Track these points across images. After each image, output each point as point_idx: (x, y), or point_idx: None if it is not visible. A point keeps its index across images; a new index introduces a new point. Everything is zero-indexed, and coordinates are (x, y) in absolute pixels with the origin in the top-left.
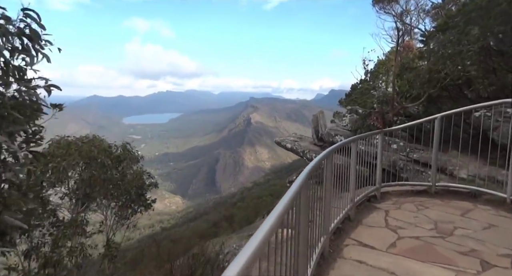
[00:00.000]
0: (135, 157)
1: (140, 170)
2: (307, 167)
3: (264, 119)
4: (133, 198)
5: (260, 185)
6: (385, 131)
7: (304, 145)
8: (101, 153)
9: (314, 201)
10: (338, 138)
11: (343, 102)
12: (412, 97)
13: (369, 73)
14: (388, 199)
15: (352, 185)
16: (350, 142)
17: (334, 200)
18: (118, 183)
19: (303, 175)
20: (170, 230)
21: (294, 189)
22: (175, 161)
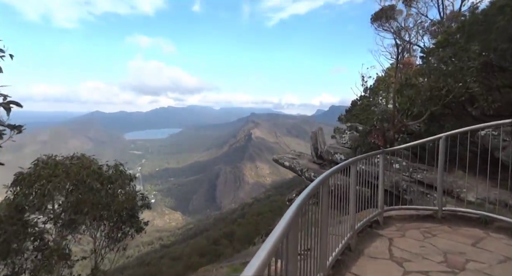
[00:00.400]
0: (127, 177)
1: (133, 191)
2: (296, 201)
3: (265, 135)
4: (124, 219)
5: (261, 201)
6: (387, 151)
7: (303, 163)
8: (90, 176)
9: (310, 226)
10: (337, 157)
11: (343, 118)
12: (414, 115)
13: (368, 89)
14: (392, 224)
15: (352, 210)
16: (350, 164)
17: (333, 225)
18: (108, 205)
19: (291, 211)
20: (170, 247)
21: (279, 232)
22: (175, 177)
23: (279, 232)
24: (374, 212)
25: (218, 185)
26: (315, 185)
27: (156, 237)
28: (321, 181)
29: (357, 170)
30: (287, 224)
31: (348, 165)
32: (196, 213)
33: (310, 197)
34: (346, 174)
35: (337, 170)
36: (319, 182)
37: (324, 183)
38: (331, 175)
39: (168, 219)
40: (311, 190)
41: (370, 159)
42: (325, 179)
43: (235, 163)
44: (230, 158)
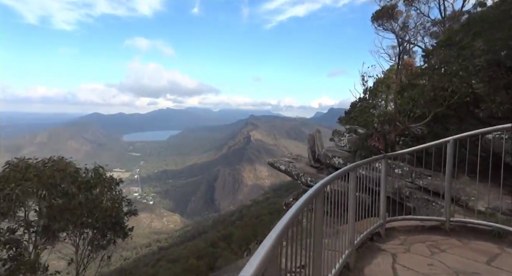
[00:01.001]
0: (108, 182)
1: (118, 196)
2: (283, 219)
3: (263, 137)
4: (108, 226)
5: (259, 203)
6: (389, 155)
7: (300, 167)
8: (65, 179)
9: (305, 238)
10: (335, 160)
11: (343, 120)
12: (416, 117)
13: (368, 91)
14: (395, 237)
15: (351, 219)
16: (349, 171)
17: (330, 235)
18: (90, 211)
19: (274, 234)
20: (168, 249)
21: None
22: (174, 179)
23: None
24: (376, 223)
25: (216, 187)
26: (306, 199)
27: (154, 239)
28: (315, 192)
29: (357, 176)
30: (265, 257)
31: (346, 172)
32: (194, 215)
33: (298, 213)
34: (345, 179)
35: (334, 179)
36: (312, 195)
37: (318, 195)
38: (326, 185)
39: (166, 221)
40: (302, 205)
41: (370, 164)
42: (318, 191)
43: (234, 165)
44: (229, 160)
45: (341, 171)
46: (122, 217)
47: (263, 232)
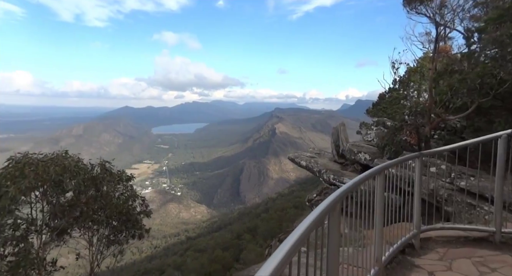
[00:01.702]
0: (116, 177)
1: (130, 192)
2: (284, 246)
3: (289, 130)
4: (120, 223)
5: (285, 197)
6: (425, 153)
7: (322, 163)
8: (64, 175)
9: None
10: (361, 156)
11: (370, 112)
12: (455, 108)
13: (398, 81)
14: (432, 250)
15: (378, 230)
16: (376, 174)
17: (354, 239)
18: (99, 208)
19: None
20: (195, 239)
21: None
22: (200, 171)
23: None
24: (408, 233)
25: (242, 180)
26: (316, 217)
27: (182, 229)
28: (328, 208)
29: (385, 176)
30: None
31: (372, 176)
32: (220, 206)
33: (303, 238)
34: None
35: (355, 186)
36: (324, 211)
37: (332, 211)
38: (343, 196)
39: (193, 212)
40: (310, 225)
41: (403, 163)
42: (332, 205)
43: (259, 158)
44: (254, 153)
45: (365, 176)
46: (134, 215)
47: (288, 226)
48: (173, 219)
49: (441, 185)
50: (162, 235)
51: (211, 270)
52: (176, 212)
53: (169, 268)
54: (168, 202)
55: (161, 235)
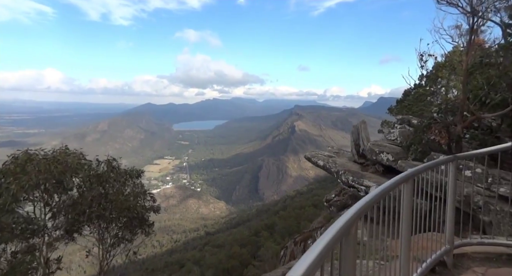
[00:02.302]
0: (124, 174)
1: (139, 188)
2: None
3: (308, 127)
4: (128, 221)
5: (303, 195)
6: (462, 157)
7: (341, 163)
8: (67, 172)
9: None
10: (383, 157)
11: (393, 109)
12: (493, 104)
13: (425, 76)
14: (467, 268)
15: (405, 246)
16: (403, 182)
17: (376, 249)
18: (106, 206)
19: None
20: (214, 235)
21: None
22: (220, 167)
23: None
24: (440, 249)
25: (260, 177)
26: (327, 244)
27: (201, 224)
28: (341, 231)
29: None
30: None
31: (402, 183)
32: (239, 203)
33: (333, 245)
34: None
35: (376, 199)
36: (335, 237)
37: (345, 236)
38: (361, 214)
39: (212, 207)
40: (321, 252)
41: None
42: (346, 227)
43: (278, 155)
44: (273, 150)
45: (392, 184)
46: (141, 212)
47: (305, 225)
48: (193, 214)
49: (476, 191)
50: (182, 229)
51: (228, 266)
52: (196, 208)
53: (188, 263)
54: (188, 197)
55: (181, 229)
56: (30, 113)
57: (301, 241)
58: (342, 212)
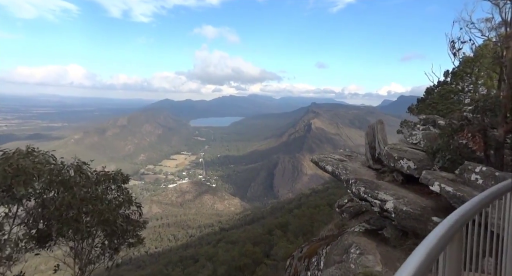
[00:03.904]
0: (92, 182)
1: (126, 197)
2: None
3: (325, 125)
4: (106, 235)
5: (319, 193)
6: None
7: (353, 168)
8: (21, 176)
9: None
10: (403, 164)
11: (414, 109)
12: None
13: (450, 73)
14: None
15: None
16: (507, 191)
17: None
18: (79, 215)
19: None
20: (228, 231)
21: None
22: (235, 164)
23: None
24: None
25: (276, 174)
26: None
27: (216, 220)
28: (448, 233)
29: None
30: None
31: (506, 192)
32: (253, 200)
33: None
34: None
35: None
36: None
37: (451, 240)
38: (467, 219)
39: (227, 204)
40: None
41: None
42: (455, 228)
43: (294, 153)
44: (289, 148)
45: (492, 192)
46: (121, 226)
47: (319, 226)
48: (208, 210)
49: None
50: (197, 224)
51: (241, 264)
52: (211, 203)
53: (202, 258)
54: (203, 193)
55: (196, 224)
56: (54, 107)
57: (305, 257)
58: (355, 219)
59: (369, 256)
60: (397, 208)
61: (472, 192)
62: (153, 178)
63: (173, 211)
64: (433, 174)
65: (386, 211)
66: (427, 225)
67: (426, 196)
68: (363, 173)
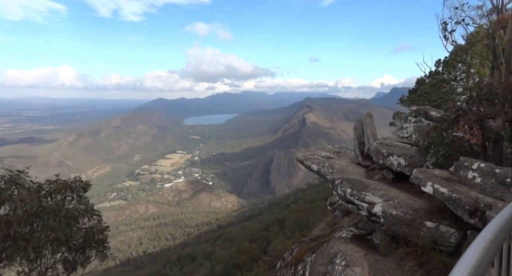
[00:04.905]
0: (31, 193)
1: (86, 207)
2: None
3: (320, 120)
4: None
5: (315, 187)
6: None
7: (340, 166)
8: None
9: None
10: (393, 160)
11: (405, 100)
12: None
13: (442, 62)
14: None
15: None
16: None
17: None
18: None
19: None
20: (226, 228)
21: None
22: (231, 161)
23: None
24: None
25: (272, 170)
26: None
27: (213, 218)
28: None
29: None
30: None
31: None
32: (250, 196)
33: None
34: None
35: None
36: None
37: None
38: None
39: (224, 201)
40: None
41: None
42: None
43: (289, 149)
44: (284, 143)
45: None
46: (75, 244)
47: (314, 222)
48: (205, 208)
49: None
50: (194, 223)
51: (238, 261)
52: (208, 201)
53: (199, 257)
54: (200, 191)
55: (193, 223)
56: (46, 110)
57: (291, 264)
58: (347, 217)
59: (356, 268)
60: (386, 212)
61: (469, 193)
62: (149, 178)
63: (170, 210)
64: (425, 172)
65: (375, 216)
66: (419, 231)
67: (419, 196)
68: (351, 171)
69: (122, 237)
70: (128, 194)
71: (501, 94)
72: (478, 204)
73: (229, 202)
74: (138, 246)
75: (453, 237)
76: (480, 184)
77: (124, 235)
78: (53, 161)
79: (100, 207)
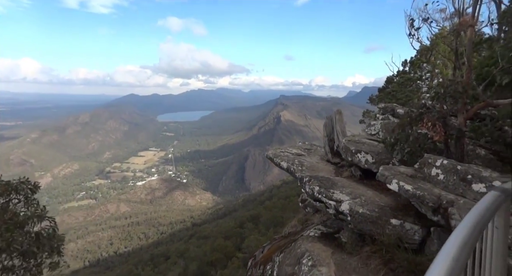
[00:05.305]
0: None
1: (35, 210)
2: None
3: (294, 117)
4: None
5: (289, 184)
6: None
7: (310, 164)
8: None
9: None
10: (361, 157)
11: (374, 99)
12: (496, 87)
13: (408, 62)
14: None
15: None
16: None
17: None
18: None
19: None
20: (200, 226)
21: None
22: (206, 158)
23: None
24: None
25: (247, 167)
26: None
27: (187, 215)
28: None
29: None
30: None
31: None
32: (225, 193)
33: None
34: None
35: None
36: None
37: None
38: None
39: (199, 199)
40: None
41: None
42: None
43: (264, 146)
44: (259, 140)
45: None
46: (19, 247)
47: (288, 218)
48: (179, 206)
49: None
50: (168, 221)
51: (213, 259)
52: (182, 199)
53: (173, 255)
54: (174, 189)
55: (167, 221)
56: (6, 105)
57: (261, 263)
58: (318, 214)
59: (322, 268)
60: (353, 210)
61: (433, 190)
62: (120, 176)
63: (142, 209)
64: (391, 170)
65: (342, 214)
66: (385, 229)
67: (386, 193)
68: (320, 169)
69: (91, 238)
70: (97, 193)
71: (462, 92)
72: (441, 201)
73: (204, 200)
74: (108, 246)
75: (417, 234)
76: (443, 181)
77: (93, 235)
78: (14, 159)
79: (68, 206)
